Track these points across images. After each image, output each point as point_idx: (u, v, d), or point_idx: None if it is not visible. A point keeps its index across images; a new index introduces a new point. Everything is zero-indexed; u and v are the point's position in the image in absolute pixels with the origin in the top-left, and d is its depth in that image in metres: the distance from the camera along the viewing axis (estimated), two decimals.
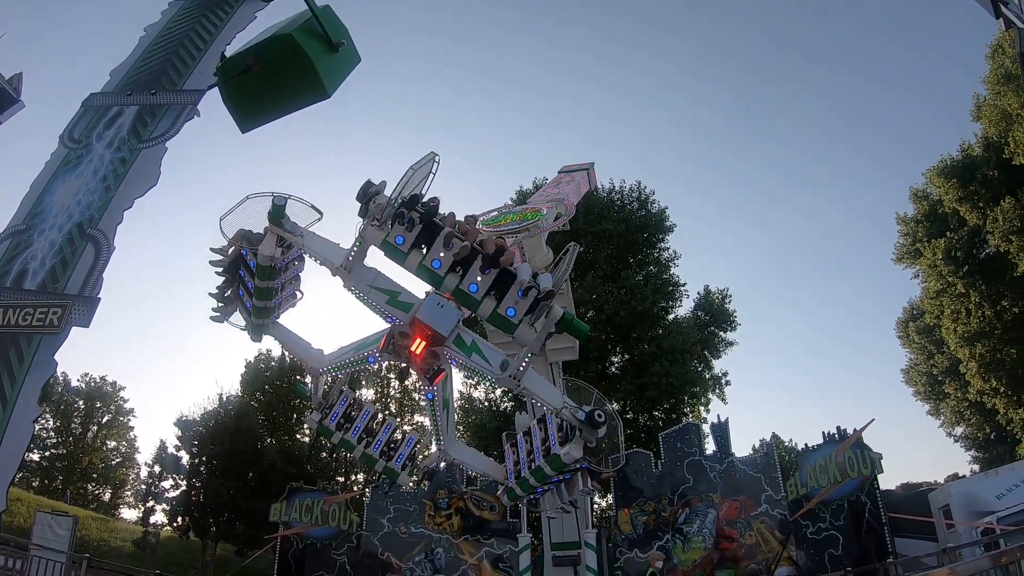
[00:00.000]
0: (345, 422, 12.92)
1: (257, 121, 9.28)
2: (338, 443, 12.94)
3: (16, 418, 6.31)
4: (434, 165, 10.07)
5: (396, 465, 13.08)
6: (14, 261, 7.37)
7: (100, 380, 57.71)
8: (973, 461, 43.72)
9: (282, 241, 10.61)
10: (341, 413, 12.90)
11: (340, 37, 9.00)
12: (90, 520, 40.82)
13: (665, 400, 35.56)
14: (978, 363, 33.53)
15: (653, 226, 40.02)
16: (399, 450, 13.26)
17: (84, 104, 8.71)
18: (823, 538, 22.06)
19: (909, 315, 45.55)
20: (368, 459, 13.03)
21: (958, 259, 33.92)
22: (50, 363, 6.53)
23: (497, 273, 9.89)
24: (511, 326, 9.99)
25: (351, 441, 12.86)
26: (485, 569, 25.83)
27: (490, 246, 10.01)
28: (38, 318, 6.74)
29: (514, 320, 9.92)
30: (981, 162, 32.83)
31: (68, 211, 7.45)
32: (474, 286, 9.93)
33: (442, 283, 9.97)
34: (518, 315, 9.90)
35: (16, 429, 6.29)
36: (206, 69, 8.37)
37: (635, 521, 25.14)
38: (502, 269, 9.92)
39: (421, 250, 9.98)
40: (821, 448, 22.89)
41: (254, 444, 39.90)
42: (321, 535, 26.91)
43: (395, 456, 13.15)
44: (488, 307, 9.93)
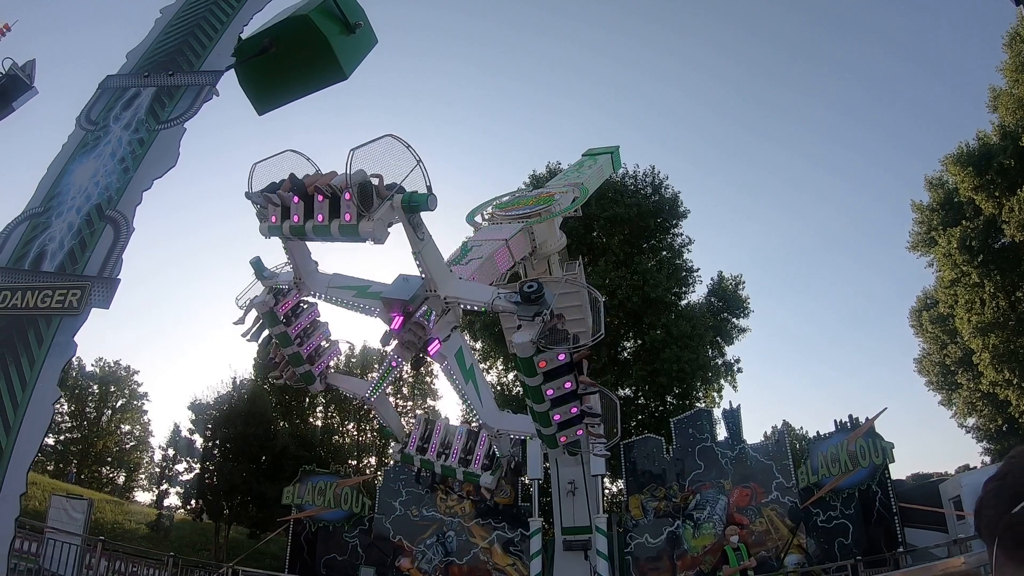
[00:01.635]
0: (292, 316, 13.02)
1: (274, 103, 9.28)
2: (276, 335, 13.08)
3: (36, 400, 6.32)
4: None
5: (316, 372, 13.45)
6: (32, 243, 7.37)
7: (114, 364, 58.24)
8: (984, 453, 43.57)
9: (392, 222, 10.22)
10: (292, 306, 12.94)
11: (357, 18, 8.98)
12: (104, 503, 41.22)
13: (677, 386, 35.55)
14: (991, 354, 33.34)
15: (667, 211, 39.86)
16: (322, 358, 13.62)
17: (101, 86, 8.70)
18: (833, 526, 22.05)
19: (923, 304, 45.31)
20: (296, 358, 13.23)
21: (973, 248, 33.67)
22: (70, 345, 6.54)
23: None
24: (554, 446, 11.26)
25: (289, 336, 13.01)
26: (496, 553, 25.96)
27: (588, 397, 11.18)
28: (57, 300, 6.74)
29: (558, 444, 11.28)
30: (998, 151, 32.52)
31: (86, 193, 7.44)
32: (557, 416, 10.76)
33: (541, 403, 10.69)
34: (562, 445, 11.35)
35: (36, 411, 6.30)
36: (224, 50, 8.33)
37: (645, 506, 25.19)
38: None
39: (544, 375, 10.53)
40: (833, 436, 22.86)
41: (267, 427, 40.14)
42: (333, 518, 27.10)
43: (317, 361, 13.49)
44: (551, 430, 11.00)
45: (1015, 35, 32.55)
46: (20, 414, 6.22)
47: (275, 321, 12.75)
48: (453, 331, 11.55)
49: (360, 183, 9.85)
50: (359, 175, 9.90)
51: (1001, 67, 33.50)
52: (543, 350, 10.08)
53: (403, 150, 9.57)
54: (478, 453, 12.64)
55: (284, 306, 12.74)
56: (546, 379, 10.35)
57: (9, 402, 6.25)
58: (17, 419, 6.18)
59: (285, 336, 12.90)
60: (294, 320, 13.02)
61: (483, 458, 12.60)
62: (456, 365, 11.49)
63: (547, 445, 11.22)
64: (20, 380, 6.34)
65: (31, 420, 6.19)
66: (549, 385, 10.38)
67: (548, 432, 10.80)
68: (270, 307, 12.55)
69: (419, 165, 9.57)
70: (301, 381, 13.79)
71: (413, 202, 9.67)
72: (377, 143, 9.69)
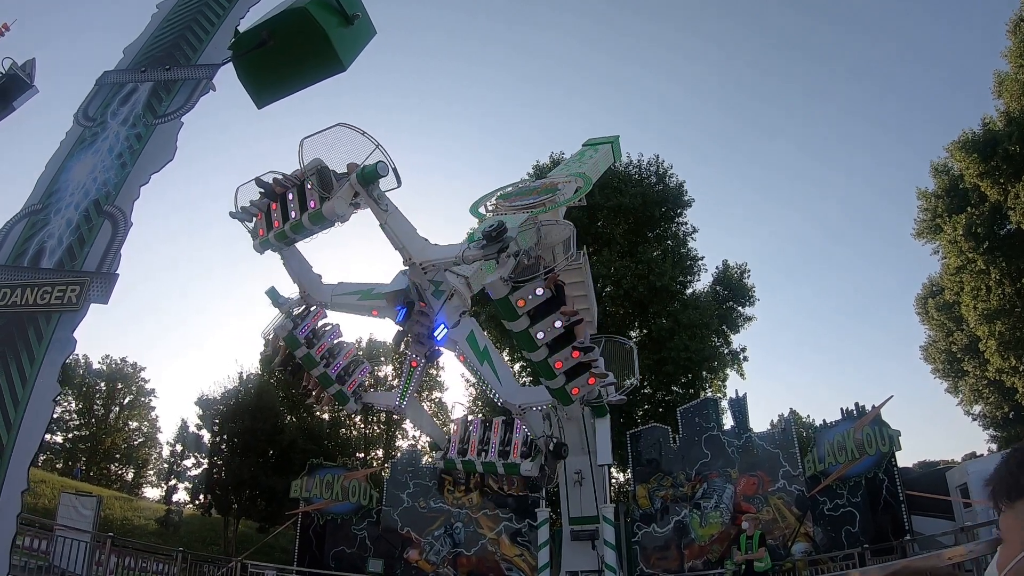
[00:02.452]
0: (314, 338, 13.09)
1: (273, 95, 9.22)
2: (302, 357, 13.06)
3: (36, 396, 6.31)
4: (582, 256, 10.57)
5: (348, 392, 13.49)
6: (31, 240, 7.36)
7: (121, 361, 58.50)
8: (991, 440, 43.54)
9: (355, 198, 10.22)
10: (312, 328, 13.00)
11: (355, 10, 8.91)
12: (113, 500, 41.48)
13: (683, 375, 35.54)
14: (998, 341, 33.17)
15: (671, 200, 39.78)
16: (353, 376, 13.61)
17: (98, 82, 8.67)
18: (840, 515, 22.04)
19: (928, 291, 45.18)
20: (326, 379, 13.26)
21: (979, 235, 33.46)
22: (69, 341, 6.53)
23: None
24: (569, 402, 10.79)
25: (315, 358, 13.04)
26: (504, 543, 26.04)
27: (581, 331, 10.33)
28: (56, 296, 6.73)
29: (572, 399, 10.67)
30: (1003, 137, 32.25)
31: (84, 189, 7.43)
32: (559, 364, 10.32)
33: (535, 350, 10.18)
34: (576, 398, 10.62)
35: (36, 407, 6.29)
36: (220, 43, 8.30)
37: (653, 496, 25.23)
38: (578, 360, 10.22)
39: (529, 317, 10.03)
40: (839, 424, 22.86)
41: (274, 421, 40.21)
42: (341, 511, 27.23)
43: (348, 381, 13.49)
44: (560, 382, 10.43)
45: (1020, 21, 32.28)
46: (21, 411, 6.21)
47: (297, 344, 12.89)
48: (462, 316, 11.46)
49: (318, 169, 10.26)
50: (316, 162, 10.28)
51: (1006, 53, 33.28)
52: (518, 287, 9.77)
53: (358, 136, 9.87)
54: (515, 442, 12.53)
55: (304, 328, 12.87)
56: (532, 321, 9.99)
57: (10, 399, 6.25)
58: (18, 416, 6.18)
59: (310, 357, 12.99)
60: (316, 342, 13.12)
61: (521, 446, 12.47)
62: (469, 348, 11.35)
63: (561, 402, 10.78)
64: (20, 377, 6.33)
65: (32, 416, 6.18)
66: (537, 327, 10.00)
67: (556, 385, 10.40)
68: (289, 330, 12.71)
69: (378, 148, 9.80)
70: (336, 402, 13.82)
71: (366, 173, 9.85)
72: (330, 131, 10.02)
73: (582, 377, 10.30)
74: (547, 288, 9.81)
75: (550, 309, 9.93)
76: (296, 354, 13.07)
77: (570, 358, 10.11)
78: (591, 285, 19.74)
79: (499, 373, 11.81)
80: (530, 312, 9.90)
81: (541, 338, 10.05)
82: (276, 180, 10.85)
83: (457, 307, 11.40)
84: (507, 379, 11.95)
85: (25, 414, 6.17)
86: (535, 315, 9.95)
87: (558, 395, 10.58)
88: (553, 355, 10.12)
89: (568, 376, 10.31)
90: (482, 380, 12.09)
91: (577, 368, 10.27)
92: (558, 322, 9.96)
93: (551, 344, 10.10)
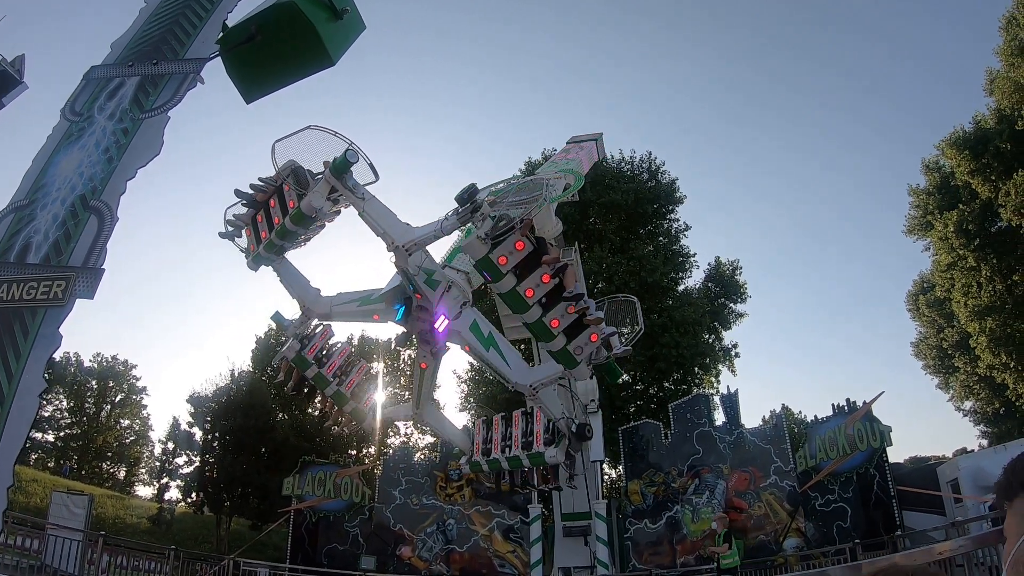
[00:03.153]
0: (324, 357, 13.00)
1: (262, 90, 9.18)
2: (313, 377, 12.97)
3: (22, 392, 6.28)
4: (545, 190, 10.06)
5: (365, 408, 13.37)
6: (17, 236, 7.32)
7: (112, 359, 58.23)
8: (982, 436, 43.79)
9: (332, 192, 10.16)
10: (320, 347, 12.93)
11: (344, 4, 8.88)
12: (105, 498, 41.34)
13: (675, 371, 35.59)
14: (988, 337, 33.31)
15: (663, 197, 39.79)
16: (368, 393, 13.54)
17: (85, 77, 8.62)
18: (832, 510, 22.11)
19: (919, 288, 45.34)
20: (340, 398, 13.13)
21: (969, 232, 33.58)
22: (55, 336, 6.49)
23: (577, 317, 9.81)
24: (574, 363, 10.05)
25: (327, 378, 12.95)
26: (496, 540, 26.04)
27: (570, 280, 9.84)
28: (42, 291, 6.70)
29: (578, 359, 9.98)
30: (994, 134, 32.37)
31: (71, 184, 7.39)
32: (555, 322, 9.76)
33: (527, 311, 9.71)
34: (582, 357, 9.98)
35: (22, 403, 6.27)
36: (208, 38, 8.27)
37: (644, 492, 25.26)
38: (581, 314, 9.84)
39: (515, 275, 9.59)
40: (831, 420, 22.91)
41: (266, 419, 40.12)
42: (334, 508, 27.20)
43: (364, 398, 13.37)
44: (560, 342, 9.83)
45: (1011, 19, 32.37)
46: (6, 406, 6.19)
47: (307, 364, 12.79)
48: (463, 307, 11.27)
49: (293, 169, 10.24)
50: (290, 163, 10.25)
51: (998, 50, 33.39)
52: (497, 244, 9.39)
53: (330, 137, 9.86)
54: (537, 431, 12.06)
55: (312, 348, 12.81)
56: (519, 279, 9.57)
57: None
58: (3, 412, 6.15)
59: (321, 377, 12.88)
60: (327, 361, 13.03)
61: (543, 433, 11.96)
62: (473, 337, 11.07)
63: (567, 365, 10.20)
64: (6, 372, 6.30)
65: (17, 412, 6.15)
66: (525, 284, 9.56)
67: (557, 347, 9.92)
68: (296, 351, 12.65)
69: (352, 145, 9.81)
70: (353, 420, 13.62)
71: (337, 164, 9.80)
72: (302, 134, 10.02)
73: (583, 335, 9.91)
74: (525, 237, 9.47)
75: (534, 263, 9.56)
76: (307, 375, 12.95)
77: (566, 314, 9.73)
78: (583, 281, 19.75)
79: (507, 357, 11.43)
80: (515, 270, 9.53)
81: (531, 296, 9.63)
82: (254, 186, 10.83)
83: (457, 298, 11.19)
84: (516, 362, 11.51)
85: (11, 410, 6.14)
86: (520, 272, 9.57)
87: (561, 358, 10.14)
88: (548, 314, 9.70)
89: (568, 336, 9.89)
90: (491, 366, 11.74)
91: (576, 325, 9.88)
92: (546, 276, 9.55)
93: (544, 302, 9.72)
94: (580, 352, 9.95)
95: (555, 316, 9.69)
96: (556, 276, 9.61)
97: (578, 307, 9.71)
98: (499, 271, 9.39)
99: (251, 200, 10.93)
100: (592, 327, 9.86)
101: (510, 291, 9.57)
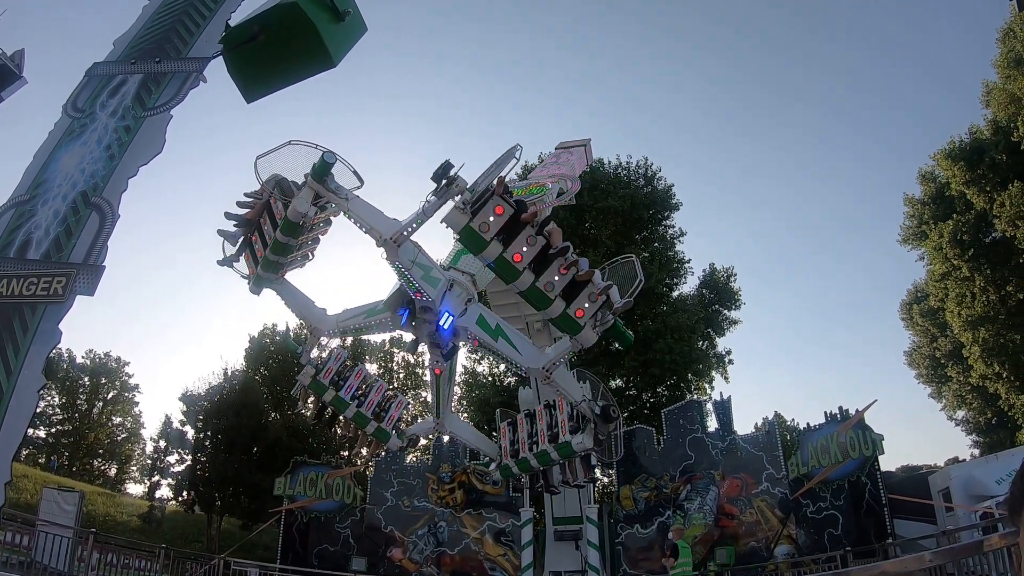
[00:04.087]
0: (339, 380, 12.98)
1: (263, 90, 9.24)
2: (331, 400, 12.93)
3: (21, 388, 6.29)
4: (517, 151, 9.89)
5: (388, 427, 13.23)
6: (18, 231, 7.33)
7: (104, 356, 58.05)
8: (974, 445, 43.95)
9: (317, 199, 10.25)
10: (335, 371, 12.91)
11: (346, 6, 8.92)
12: (96, 495, 41.21)
13: (669, 377, 35.60)
14: (981, 347, 33.43)
15: (659, 203, 39.85)
16: (390, 412, 13.38)
17: (88, 73, 8.63)
18: (823, 517, 22.15)
19: (913, 297, 45.46)
20: (361, 418, 13.04)
21: (964, 242, 33.70)
22: (55, 332, 6.50)
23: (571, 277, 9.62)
24: (577, 328, 9.77)
25: (344, 399, 12.90)
26: (487, 543, 26.03)
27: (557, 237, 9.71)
28: (42, 287, 6.70)
29: (581, 323, 9.72)
30: (989, 146, 32.52)
31: (72, 180, 7.39)
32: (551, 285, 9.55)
33: (518, 277, 9.50)
34: (585, 319, 9.69)
35: (20, 399, 6.28)
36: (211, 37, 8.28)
37: (636, 497, 25.29)
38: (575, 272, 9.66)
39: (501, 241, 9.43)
40: (823, 428, 22.96)
41: (259, 418, 40.09)
42: (325, 508, 27.17)
43: (385, 418, 13.25)
44: (558, 307, 9.63)
45: (1008, 31, 32.56)
46: (5, 402, 6.19)
47: (323, 388, 12.81)
48: (468, 304, 11.15)
49: (277, 181, 10.36)
50: (274, 177, 10.37)
51: (995, 62, 33.56)
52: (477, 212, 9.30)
53: (312, 149, 9.99)
54: (562, 420, 11.79)
55: (328, 372, 12.85)
56: (504, 245, 9.39)
57: None
58: (2, 407, 6.15)
59: (339, 399, 12.86)
60: (343, 383, 13.03)
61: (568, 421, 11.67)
62: (481, 331, 10.93)
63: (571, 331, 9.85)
64: (5, 368, 6.30)
65: (16, 408, 6.15)
66: (511, 249, 9.36)
67: (556, 312, 9.64)
68: (312, 376, 12.69)
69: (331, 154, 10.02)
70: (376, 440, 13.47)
71: (317, 168, 9.93)
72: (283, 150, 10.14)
73: (582, 295, 9.68)
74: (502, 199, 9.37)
75: (517, 226, 9.38)
76: (324, 399, 12.94)
77: (560, 275, 9.52)
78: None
79: (517, 344, 11.30)
80: (499, 236, 9.36)
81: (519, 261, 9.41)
82: (241, 203, 10.88)
83: (461, 296, 11.07)
84: (525, 347, 11.32)
85: (9, 406, 6.14)
86: (505, 237, 9.41)
87: (564, 323, 9.84)
88: (540, 278, 9.52)
89: (566, 299, 9.68)
90: (502, 357, 11.61)
91: (572, 288, 9.67)
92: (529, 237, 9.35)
93: (534, 267, 9.54)
94: (582, 314, 9.71)
95: (548, 279, 9.51)
96: (541, 235, 9.47)
97: (567, 263, 9.51)
98: (483, 239, 9.29)
99: (242, 220, 10.97)
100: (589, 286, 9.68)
101: (498, 258, 9.41)
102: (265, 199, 10.66)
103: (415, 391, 49.75)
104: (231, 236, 11.28)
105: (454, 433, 13.70)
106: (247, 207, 10.91)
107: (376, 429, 13.18)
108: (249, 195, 10.87)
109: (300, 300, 12.14)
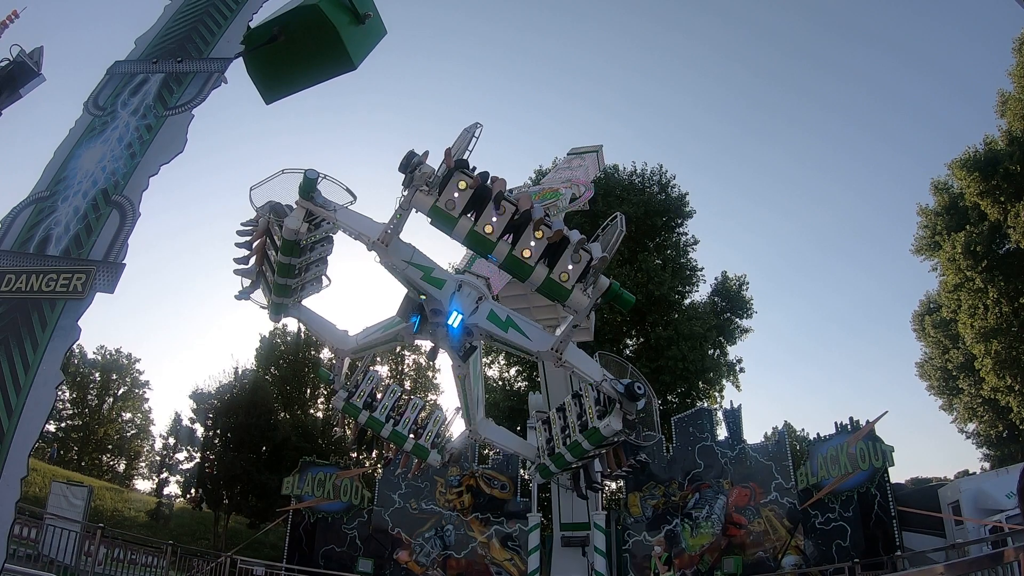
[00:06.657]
0: (372, 401, 13.04)
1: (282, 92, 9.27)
2: (366, 422, 12.96)
3: (39, 383, 6.31)
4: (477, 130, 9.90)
5: (426, 443, 13.19)
6: (37, 227, 7.36)
7: (116, 352, 58.36)
8: (984, 459, 43.60)
9: (311, 217, 10.36)
10: (368, 392, 12.98)
11: (366, 8, 8.97)
12: (104, 490, 41.40)
13: (679, 384, 35.57)
14: (993, 360, 33.26)
15: (673, 210, 39.89)
16: (428, 428, 13.35)
17: (109, 72, 8.68)
18: (831, 528, 22.06)
19: (925, 308, 45.30)
20: (398, 437, 13.04)
21: (977, 253, 33.54)
22: (74, 329, 6.53)
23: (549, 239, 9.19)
24: (565, 292, 9.26)
25: (380, 420, 12.93)
26: (494, 547, 26.02)
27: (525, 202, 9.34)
28: (62, 284, 6.73)
29: (568, 286, 9.21)
30: (1004, 156, 32.38)
31: (93, 177, 7.44)
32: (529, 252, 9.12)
33: (494, 248, 9.22)
34: (571, 281, 9.19)
35: (38, 395, 6.29)
36: (233, 37, 8.33)
37: (644, 504, 25.25)
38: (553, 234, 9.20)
39: (470, 217, 9.20)
40: (833, 438, 22.88)
41: (268, 418, 40.23)
42: (333, 509, 27.22)
43: (423, 434, 13.23)
44: (541, 274, 9.21)
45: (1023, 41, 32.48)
46: (23, 397, 6.21)
47: (357, 411, 12.87)
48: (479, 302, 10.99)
49: (273, 207, 10.58)
50: (269, 203, 10.60)
51: (1011, 72, 33.44)
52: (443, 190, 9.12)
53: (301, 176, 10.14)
54: (588, 405, 11.32)
55: (360, 394, 12.94)
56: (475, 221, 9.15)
57: (12, 385, 6.25)
58: (20, 402, 6.18)
59: (374, 420, 12.89)
60: (377, 404, 13.09)
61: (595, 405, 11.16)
62: (492, 326, 10.71)
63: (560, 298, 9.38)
64: (23, 363, 6.33)
65: (33, 403, 6.18)
66: (482, 221, 9.11)
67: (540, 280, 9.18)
68: (344, 399, 12.78)
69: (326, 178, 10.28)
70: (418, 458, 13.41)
71: (302, 186, 10.05)
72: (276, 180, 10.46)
73: (564, 258, 9.15)
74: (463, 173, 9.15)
75: (484, 198, 9.13)
76: (359, 420, 12.98)
77: (537, 240, 9.09)
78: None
79: (526, 331, 10.85)
80: (467, 212, 9.17)
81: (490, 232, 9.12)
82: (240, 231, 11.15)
83: (471, 295, 10.86)
84: (535, 332, 10.87)
85: (27, 401, 6.17)
86: (474, 212, 9.19)
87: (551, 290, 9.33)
88: (516, 246, 9.14)
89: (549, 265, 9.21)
90: (515, 348, 11.16)
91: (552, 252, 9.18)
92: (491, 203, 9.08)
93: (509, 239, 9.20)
94: (567, 278, 9.18)
95: (524, 246, 9.16)
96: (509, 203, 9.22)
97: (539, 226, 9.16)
98: (452, 216, 9.12)
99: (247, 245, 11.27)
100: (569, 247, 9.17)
101: (470, 233, 9.19)
102: (263, 226, 10.84)
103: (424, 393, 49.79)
104: (246, 272, 11.47)
105: (489, 439, 13.16)
106: (246, 233, 11.18)
107: (415, 446, 13.18)
108: (246, 224, 11.13)
109: (320, 324, 12.21)
